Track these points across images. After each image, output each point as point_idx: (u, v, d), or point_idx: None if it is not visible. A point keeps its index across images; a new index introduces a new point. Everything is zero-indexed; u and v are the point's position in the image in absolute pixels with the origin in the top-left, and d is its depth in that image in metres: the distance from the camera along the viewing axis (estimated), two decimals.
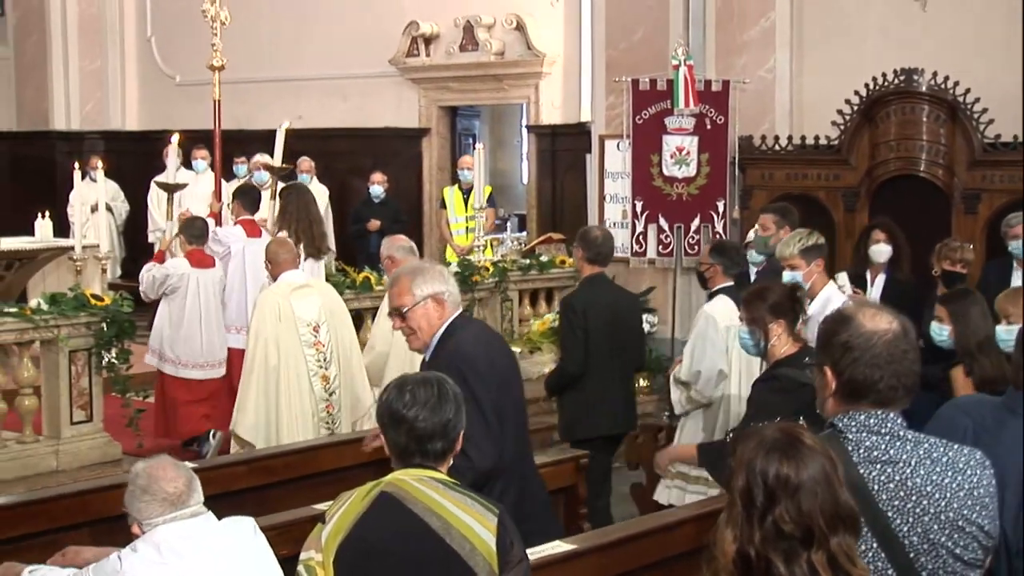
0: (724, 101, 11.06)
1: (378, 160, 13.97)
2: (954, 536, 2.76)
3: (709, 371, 6.75)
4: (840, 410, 2.89)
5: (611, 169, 11.64)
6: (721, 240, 8.30)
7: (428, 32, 14.32)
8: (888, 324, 2.88)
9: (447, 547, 3.26)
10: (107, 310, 8.14)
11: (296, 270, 7.57)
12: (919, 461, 2.81)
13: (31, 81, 16.74)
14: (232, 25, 15.44)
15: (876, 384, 2.84)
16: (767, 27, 11.32)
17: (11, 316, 7.88)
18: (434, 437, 3.38)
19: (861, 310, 2.95)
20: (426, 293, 4.68)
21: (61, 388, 8.06)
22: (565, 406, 7.32)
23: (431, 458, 3.39)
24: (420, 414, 3.36)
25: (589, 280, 7.23)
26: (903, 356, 2.87)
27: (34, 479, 7.73)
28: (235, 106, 15.21)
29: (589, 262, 7.18)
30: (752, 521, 2.44)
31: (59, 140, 16.31)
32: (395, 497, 3.29)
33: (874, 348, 2.85)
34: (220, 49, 10.92)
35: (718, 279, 7.04)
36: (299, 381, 7.25)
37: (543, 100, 13.91)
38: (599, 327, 7.03)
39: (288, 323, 7.24)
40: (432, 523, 3.27)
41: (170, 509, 3.73)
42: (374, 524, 3.27)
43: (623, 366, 7.27)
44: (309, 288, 7.51)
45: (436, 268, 4.89)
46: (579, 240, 7.34)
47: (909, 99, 10.30)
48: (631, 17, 11.76)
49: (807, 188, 10.83)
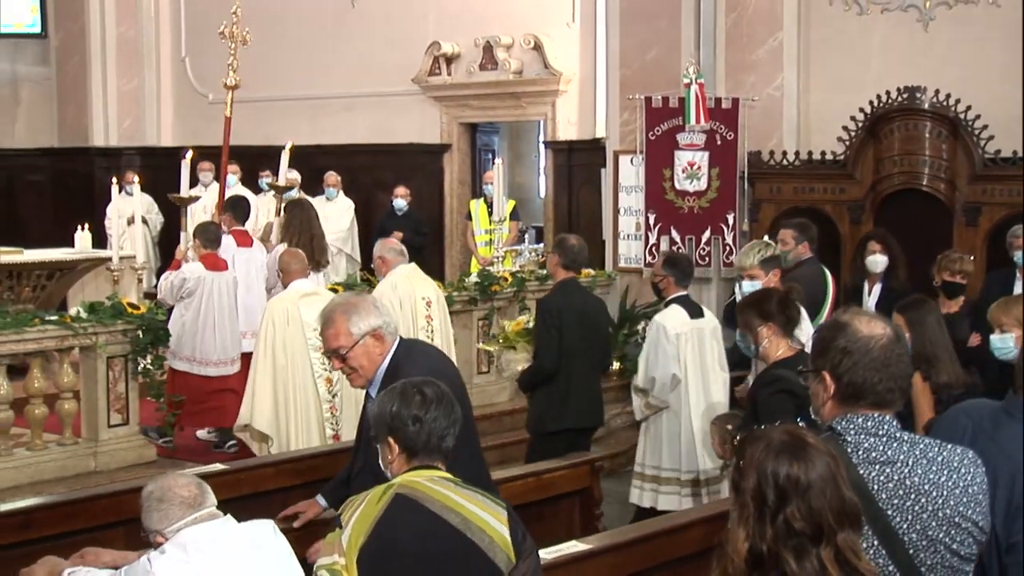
0: (734, 118, 11.05)
1: (401, 175, 13.99)
2: (951, 532, 2.77)
3: (663, 377, 6.98)
4: (838, 413, 2.90)
5: (625, 183, 11.64)
6: (673, 253, 8.45)
7: (449, 52, 14.36)
8: (883, 330, 2.90)
9: (468, 541, 3.27)
10: (143, 318, 8.16)
11: (305, 279, 7.76)
12: (916, 461, 2.82)
13: (72, 100, 16.83)
14: (262, 46, 15.53)
15: (875, 386, 2.85)
16: (775, 47, 11.32)
17: (52, 324, 7.90)
18: (447, 435, 3.41)
19: (856, 317, 2.96)
20: (364, 331, 4.35)
21: (99, 393, 8.08)
22: (536, 401, 7.44)
23: (442, 455, 3.41)
24: (435, 414, 3.39)
25: (563, 284, 7.40)
26: (898, 360, 2.89)
27: (73, 480, 7.74)
28: (263, 123, 15.31)
29: (564, 268, 7.34)
30: (764, 520, 2.45)
31: (98, 156, 16.38)
32: (411, 498, 3.28)
33: (872, 352, 2.86)
34: (236, 68, 10.91)
35: (671, 289, 7.25)
36: (304, 382, 7.42)
37: (560, 117, 13.92)
38: (571, 328, 7.17)
39: (296, 327, 7.40)
40: (451, 520, 3.27)
41: (189, 511, 3.74)
42: (394, 525, 3.25)
43: (591, 365, 7.39)
44: (317, 296, 7.59)
45: (368, 301, 4.54)
46: (556, 247, 7.50)
47: (912, 116, 10.28)
48: (644, 37, 11.75)
49: (814, 201, 10.81)
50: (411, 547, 3.24)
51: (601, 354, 7.51)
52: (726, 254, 11.10)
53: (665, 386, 7.02)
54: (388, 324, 4.42)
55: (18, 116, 17.07)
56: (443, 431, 3.40)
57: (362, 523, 3.25)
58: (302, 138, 14.90)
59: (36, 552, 4.26)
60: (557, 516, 5.84)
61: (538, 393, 7.37)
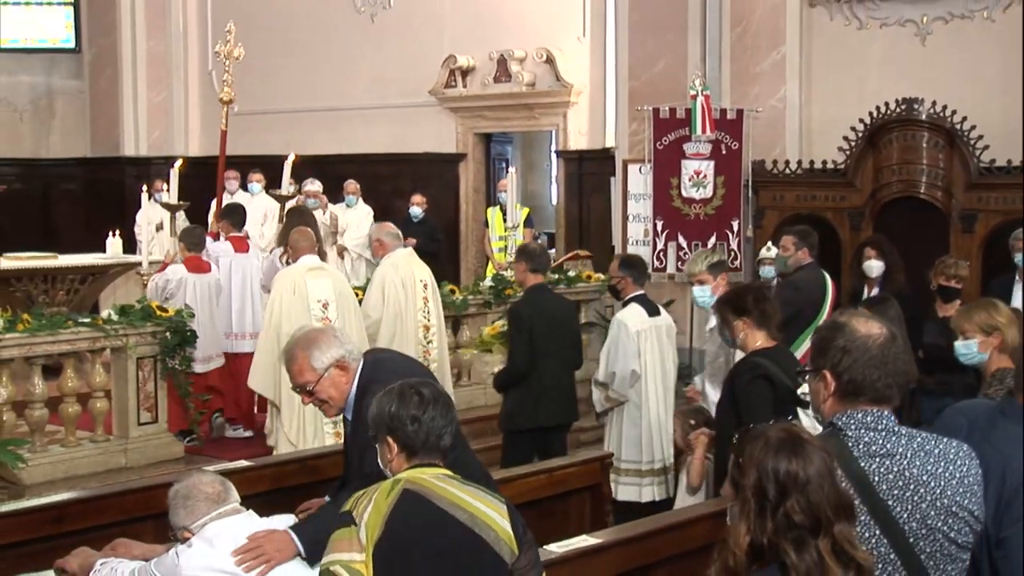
0: (738, 128, 11.04)
1: (418, 183, 14.00)
2: (948, 521, 2.78)
3: (623, 372, 7.02)
4: (839, 410, 2.91)
5: (634, 191, 11.62)
6: (629, 255, 8.53)
7: (465, 65, 14.38)
8: (879, 329, 2.92)
9: (475, 536, 3.25)
10: (171, 321, 8.19)
11: (312, 255, 7.79)
12: (914, 453, 2.83)
13: (104, 112, 16.91)
14: (286, 60, 15.62)
15: (875, 383, 2.86)
16: (778, 60, 11.31)
17: (85, 326, 7.94)
18: (444, 433, 3.38)
19: (854, 318, 2.98)
20: (327, 363, 4.14)
21: (129, 392, 8.11)
22: (509, 400, 7.48)
23: (440, 453, 3.38)
24: (432, 413, 3.36)
25: (533, 289, 7.47)
26: (895, 358, 2.90)
27: (104, 475, 7.78)
28: (287, 133, 15.35)
29: (532, 272, 7.41)
30: (764, 514, 2.48)
31: (128, 165, 16.45)
32: (418, 494, 3.25)
33: (870, 350, 2.87)
34: (231, 84, 11.14)
35: (629, 289, 7.28)
36: None
37: (571, 127, 13.93)
38: (542, 331, 7.24)
39: (301, 298, 7.51)
40: (459, 516, 3.25)
41: (214, 507, 3.76)
42: (404, 521, 3.22)
43: (562, 365, 7.45)
44: (323, 271, 7.79)
45: (328, 333, 4.31)
46: (520, 255, 7.61)
47: (910, 126, 10.26)
48: (652, 51, 11.76)
49: (815, 208, 10.79)
50: (423, 542, 3.22)
51: (572, 354, 7.58)
52: (731, 259, 11.08)
53: (625, 380, 7.07)
54: (351, 352, 4.22)
55: (53, 128, 17.15)
56: (440, 430, 3.36)
57: (374, 519, 3.21)
58: (324, 147, 14.99)
59: (70, 544, 4.28)
60: (568, 511, 5.82)
61: (511, 392, 7.44)
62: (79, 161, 16.94)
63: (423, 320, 8.16)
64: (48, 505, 5.18)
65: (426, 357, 8.07)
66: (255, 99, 15.94)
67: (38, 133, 17.08)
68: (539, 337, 7.20)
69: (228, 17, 16.21)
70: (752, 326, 5.36)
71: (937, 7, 10.71)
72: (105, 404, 8.15)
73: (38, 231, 15.30)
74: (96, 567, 3.91)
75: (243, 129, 15.91)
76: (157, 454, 8.18)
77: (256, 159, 13.23)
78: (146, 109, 16.64)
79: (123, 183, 15.97)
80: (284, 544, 3.73)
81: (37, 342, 7.64)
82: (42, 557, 4.38)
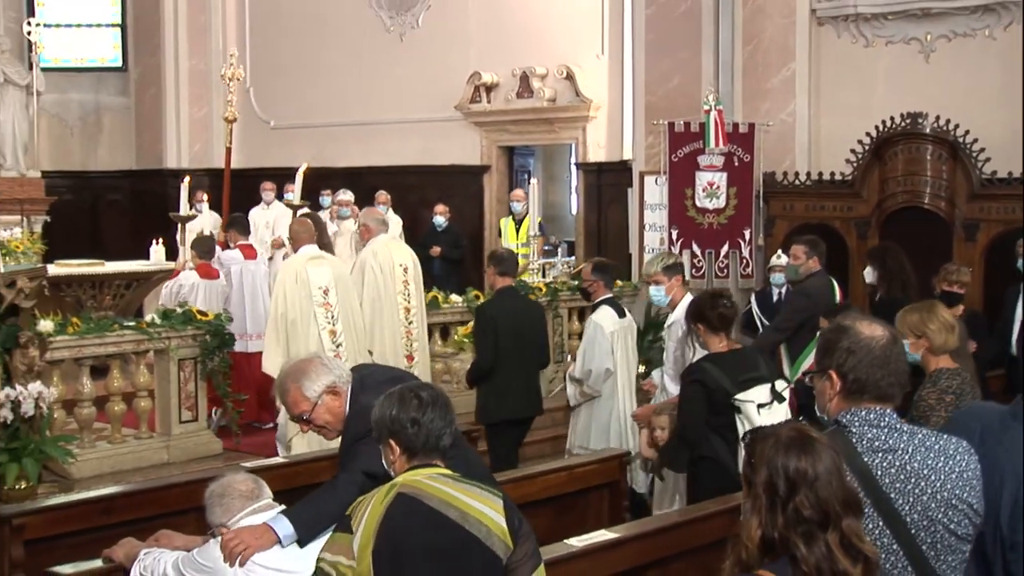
0: (750, 141, 11.03)
1: (445, 193, 14.02)
2: (948, 513, 2.79)
3: (598, 369, 7.16)
4: (843, 408, 2.92)
5: (650, 201, 11.62)
6: (601, 260, 8.59)
7: (489, 81, 14.40)
8: (882, 332, 2.94)
9: (467, 534, 3.18)
10: (210, 324, 8.22)
11: (312, 245, 7.88)
12: (915, 449, 2.84)
13: (149, 127, 17.00)
14: (321, 77, 15.69)
15: (878, 382, 2.87)
16: (788, 76, 11.30)
17: (130, 329, 7.98)
18: (444, 434, 3.34)
19: (858, 321, 2.99)
20: (319, 391, 4.11)
21: (171, 391, 8.14)
22: (479, 395, 7.57)
23: (440, 453, 3.34)
24: (432, 415, 3.31)
25: (500, 291, 7.56)
26: (897, 358, 2.92)
27: (148, 470, 7.81)
28: (321, 145, 15.41)
29: (500, 275, 7.51)
30: (775, 509, 2.47)
31: (171, 177, 16.48)
32: (411, 496, 3.20)
33: (873, 351, 2.89)
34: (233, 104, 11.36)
35: (600, 292, 7.40)
36: (309, 334, 7.55)
37: (590, 140, 13.92)
38: (507, 329, 7.32)
39: (303, 286, 7.59)
40: (450, 514, 3.19)
41: (248, 503, 3.79)
42: (397, 525, 3.17)
43: (527, 362, 7.52)
44: (322, 259, 7.86)
45: (316, 362, 4.25)
46: (490, 260, 7.70)
47: (914, 140, 10.23)
48: (667, 67, 11.76)
49: (824, 218, 10.76)
50: (414, 544, 3.16)
51: (537, 353, 7.64)
52: (743, 267, 11.07)
53: (599, 377, 7.22)
54: (341, 376, 4.18)
55: (101, 142, 17.27)
56: (440, 431, 3.31)
57: (369, 525, 3.17)
58: (356, 160, 15.04)
59: (117, 535, 4.32)
60: (587, 507, 5.81)
61: (481, 387, 7.53)
62: (125, 173, 17.03)
63: (403, 303, 8.26)
64: (97, 498, 5.23)
65: (408, 337, 8.22)
66: (291, 114, 16.04)
67: (87, 147, 17.20)
68: (503, 335, 7.30)
69: (265, 37, 16.37)
70: (707, 331, 5.51)
71: (940, 26, 10.68)
72: (149, 403, 8.19)
73: (87, 239, 15.38)
74: (140, 556, 3.94)
75: (280, 142, 16.02)
76: (197, 450, 8.20)
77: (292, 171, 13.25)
78: (188, 124, 16.72)
79: (166, 194, 16.00)
80: (261, 533, 3.74)
81: (86, 344, 7.69)
82: (91, 547, 4.42)
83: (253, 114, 16.70)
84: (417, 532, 3.17)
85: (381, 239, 8.33)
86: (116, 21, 17.34)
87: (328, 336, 7.63)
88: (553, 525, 5.29)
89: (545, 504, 5.48)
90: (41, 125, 15.20)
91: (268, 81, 16.38)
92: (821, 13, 11.28)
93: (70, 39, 17.18)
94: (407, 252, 8.55)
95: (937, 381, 4.77)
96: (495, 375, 7.33)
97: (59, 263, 10.74)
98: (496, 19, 14.44)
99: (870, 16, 11.05)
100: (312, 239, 7.94)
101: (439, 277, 12.08)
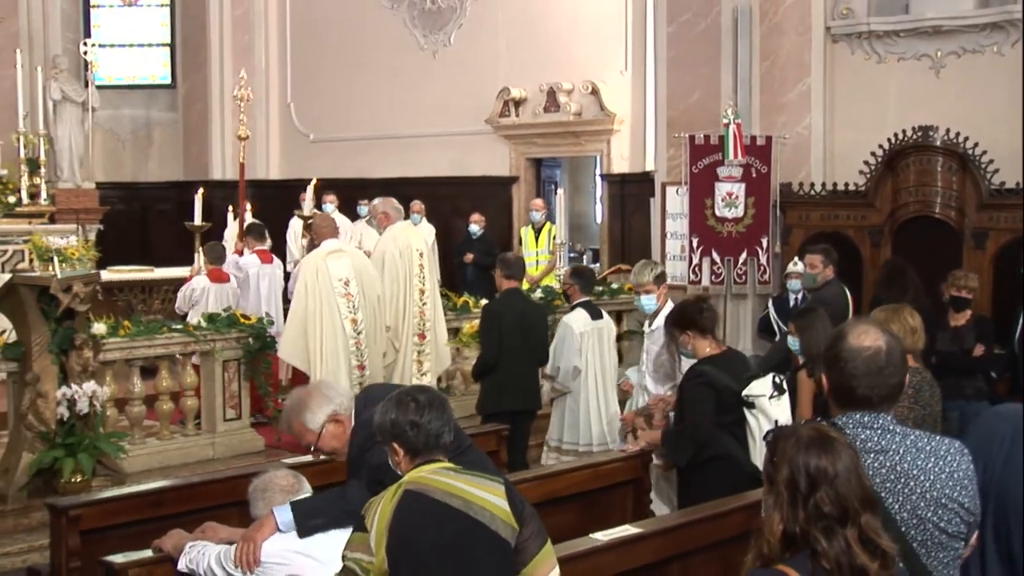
0: (767, 153, 10.98)
1: (476, 203, 14.03)
2: (938, 512, 2.78)
3: (566, 367, 7.36)
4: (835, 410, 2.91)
5: (671, 210, 11.58)
6: (579, 266, 8.68)
7: (517, 96, 14.41)
8: (872, 342, 2.86)
9: (472, 520, 3.20)
10: (253, 327, 8.27)
11: (334, 239, 8.08)
12: (906, 450, 2.82)
13: (195, 140, 17.12)
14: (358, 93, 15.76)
15: (865, 391, 2.84)
16: (803, 91, 11.26)
17: (177, 332, 8.05)
18: (443, 432, 3.36)
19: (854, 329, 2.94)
20: (321, 421, 4.13)
21: (216, 391, 8.19)
22: (482, 388, 7.72)
23: (442, 450, 3.36)
24: (429, 416, 3.34)
25: (506, 292, 7.65)
26: (889, 366, 2.85)
27: (194, 465, 7.86)
28: (359, 158, 15.49)
29: (506, 278, 7.62)
30: (796, 505, 2.47)
31: (216, 188, 16.57)
32: (417, 492, 3.23)
33: (859, 362, 2.84)
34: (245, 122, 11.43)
35: (577, 295, 7.62)
36: (333, 322, 7.71)
37: (614, 153, 13.90)
38: (511, 328, 7.45)
39: (324, 278, 7.74)
40: (454, 504, 3.21)
41: (289, 497, 3.82)
42: (406, 518, 3.19)
43: (527, 360, 7.61)
44: (342, 252, 7.99)
45: (317, 392, 4.25)
46: (499, 263, 7.81)
47: (925, 152, 10.16)
48: (688, 83, 11.73)
49: (838, 227, 10.70)
50: (424, 535, 3.18)
51: (538, 351, 7.69)
52: (761, 273, 11.02)
53: (568, 374, 7.39)
54: (341, 403, 4.18)
55: (151, 155, 17.41)
56: (439, 430, 3.34)
57: (381, 523, 3.20)
58: (391, 171, 15.09)
59: (166, 526, 4.35)
60: (612, 503, 5.79)
61: (485, 381, 7.65)
62: (173, 184, 17.14)
63: (419, 284, 8.40)
64: (148, 491, 5.28)
65: (421, 317, 8.36)
66: (330, 127, 16.12)
67: (138, 160, 17.34)
68: (507, 333, 7.42)
69: (305, 56, 16.46)
70: (697, 336, 5.47)
71: (950, 43, 10.62)
72: (195, 402, 8.24)
73: (137, 247, 15.51)
74: (186, 549, 3.97)
75: (318, 154, 16.09)
76: (240, 447, 8.24)
77: (331, 182, 13.34)
78: (232, 138, 16.79)
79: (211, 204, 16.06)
80: (263, 523, 3.80)
81: (136, 346, 7.75)
82: (141, 537, 4.45)
83: (293, 128, 16.80)
84: (425, 524, 3.19)
85: (399, 225, 8.50)
86: (166, 41, 17.50)
87: (350, 324, 7.80)
88: (579, 520, 5.28)
89: (571, 500, 5.47)
90: (95, 139, 15.32)
91: (308, 97, 16.47)
92: (835, 31, 11.23)
93: (123, 58, 17.35)
94: (421, 238, 8.77)
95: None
96: (498, 370, 7.46)
97: (111, 269, 10.83)
98: (524, 37, 14.46)
99: (882, 33, 11.00)
100: (334, 234, 8.19)
101: (471, 283, 12.09)
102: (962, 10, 10.58)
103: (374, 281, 8.03)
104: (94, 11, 17.23)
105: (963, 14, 10.56)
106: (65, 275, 6.73)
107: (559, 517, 3.46)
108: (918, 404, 4.58)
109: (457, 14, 15.21)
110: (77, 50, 15.30)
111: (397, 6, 15.66)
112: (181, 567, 3.95)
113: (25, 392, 6.78)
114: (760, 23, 11.37)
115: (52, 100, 14.42)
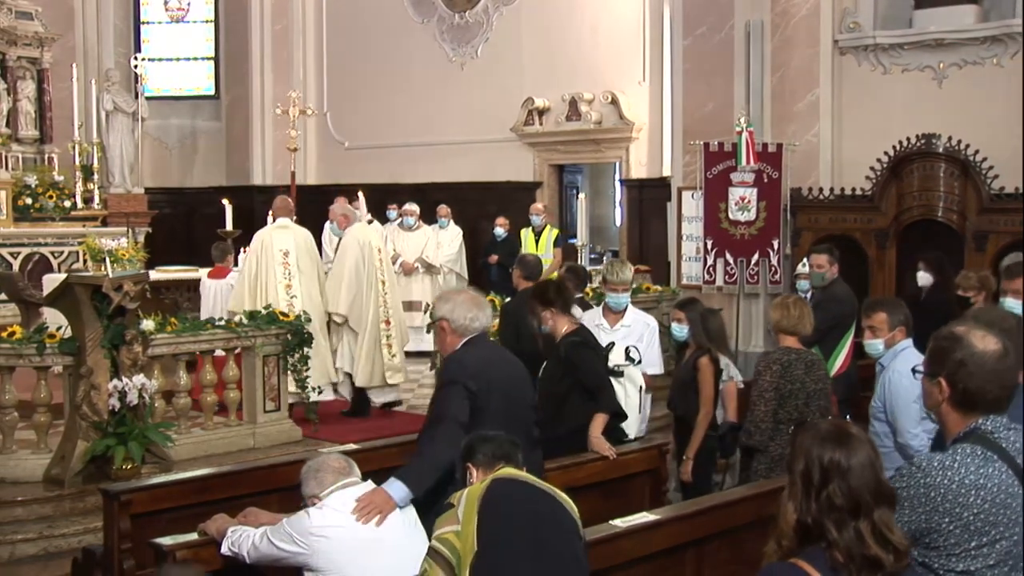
0: (778, 160, 10.94)
1: (501, 207, 14.01)
2: None
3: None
4: (955, 416, 2.79)
5: (687, 214, 11.56)
6: (572, 264, 8.52)
7: (541, 106, 14.42)
8: (995, 345, 2.78)
9: (556, 501, 3.47)
10: (291, 324, 8.27)
11: (285, 218, 9.06)
12: None
13: (237, 148, 17.22)
14: (390, 102, 15.80)
15: (989, 395, 2.75)
16: (813, 100, 11.22)
17: (220, 328, 8.06)
18: (517, 447, 3.68)
19: (970, 331, 2.82)
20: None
21: (257, 384, 8.18)
22: None
23: (514, 461, 3.60)
24: (500, 435, 3.70)
25: (523, 292, 7.54)
26: (1008, 369, 2.77)
27: (237, 454, 7.85)
28: (390, 164, 15.52)
29: (524, 279, 7.51)
30: (810, 496, 2.44)
31: (256, 193, 16.69)
32: (506, 478, 3.47)
33: (986, 365, 2.75)
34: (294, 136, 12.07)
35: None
36: (270, 286, 8.74)
37: (632, 159, 13.88)
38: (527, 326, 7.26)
39: (268, 249, 8.80)
40: (540, 486, 3.52)
41: (340, 477, 3.84)
42: (500, 493, 3.40)
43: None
44: (287, 228, 8.99)
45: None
46: (518, 263, 7.74)
47: (929, 158, 10.11)
48: (703, 93, 11.70)
49: (846, 230, 10.66)
50: (517, 506, 3.39)
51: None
52: (772, 274, 10.98)
53: None
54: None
55: (196, 161, 17.51)
56: (506, 452, 3.64)
57: (472, 499, 3.37)
58: (421, 176, 15.13)
59: (211, 511, 4.39)
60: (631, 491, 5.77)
61: None
62: (217, 189, 17.19)
63: (380, 277, 9.02)
64: (194, 478, 5.31)
65: (384, 305, 9.01)
66: (364, 135, 16.17)
67: (184, 166, 17.45)
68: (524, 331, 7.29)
69: (341, 68, 16.51)
70: (557, 314, 5.59)
71: (952, 55, 10.57)
72: (237, 395, 8.23)
73: (183, 248, 15.57)
74: (228, 533, 3.99)
75: (353, 161, 16.15)
76: (279, 437, 8.24)
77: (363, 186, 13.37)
78: (272, 145, 16.90)
79: (253, 208, 16.19)
80: (385, 498, 3.86)
81: (182, 341, 7.77)
82: (188, 521, 4.48)
83: (329, 136, 16.86)
84: (518, 499, 3.42)
85: (358, 226, 9.15)
86: (210, 55, 17.60)
87: (284, 289, 8.74)
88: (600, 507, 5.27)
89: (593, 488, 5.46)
90: (144, 147, 15.46)
91: (343, 106, 16.53)
92: (843, 44, 11.19)
93: (170, 71, 17.48)
94: (377, 235, 9.38)
95: (771, 353, 5.34)
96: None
97: (159, 269, 10.89)
98: (547, 50, 14.46)
99: (888, 46, 10.95)
100: (288, 213, 9.11)
101: (496, 283, 12.07)
102: (964, 24, 10.53)
103: (313, 260, 8.95)
104: (144, 27, 17.38)
105: (965, 28, 10.51)
106: (116, 275, 6.78)
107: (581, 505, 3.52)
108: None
109: (484, 28, 15.23)
110: (128, 64, 15.44)
111: (428, 21, 15.69)
112: (224, 550, 3.98)
113: (80, 384, 6.83)
114: (771, 37, 11.34)
115: (105, 111, 14.56)
